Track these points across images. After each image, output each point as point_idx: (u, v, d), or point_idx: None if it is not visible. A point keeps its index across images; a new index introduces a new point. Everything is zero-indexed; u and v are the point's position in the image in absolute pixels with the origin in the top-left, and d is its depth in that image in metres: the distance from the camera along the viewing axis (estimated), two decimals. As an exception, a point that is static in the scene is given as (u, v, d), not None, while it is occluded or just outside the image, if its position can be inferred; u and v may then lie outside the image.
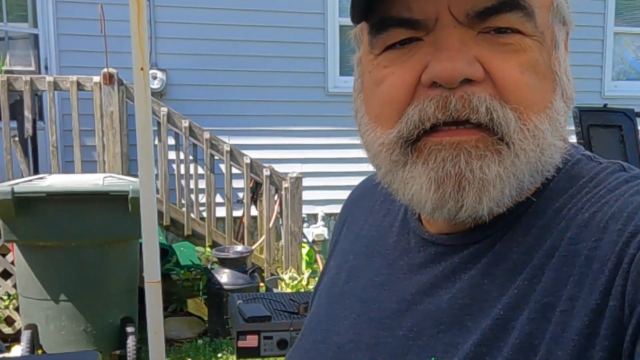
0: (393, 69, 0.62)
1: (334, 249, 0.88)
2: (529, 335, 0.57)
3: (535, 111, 0.60)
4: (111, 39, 5.06)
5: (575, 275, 0.57)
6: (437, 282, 0.67)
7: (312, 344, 0.77)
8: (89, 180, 3.84)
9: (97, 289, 3.74)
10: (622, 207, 0.58)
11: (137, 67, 2.44)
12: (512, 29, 0.60)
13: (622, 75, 7.07)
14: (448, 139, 0.60)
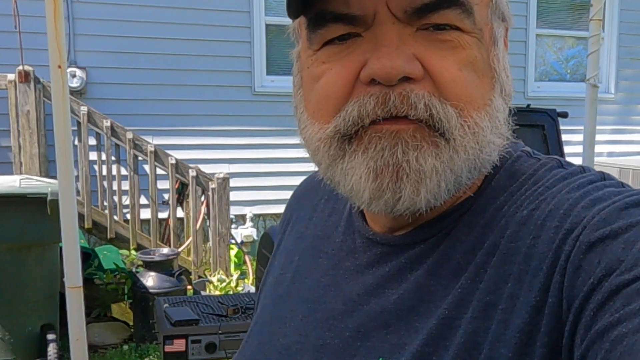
0: (331, 64, 0.61)
1: (278, 248, 0.86)
2: (473, 333, 0.57)
3: (475, 108, 0.60)
4: (27, 35, 4.88)
5: (515, 273, 0.58)
6: (384, 282, 0.67)
7: (257, 346, 0.77)
8: (4, 182, 3.69)
9: (14, 296, 3.60)
10: (558, 205, 0.59)
11: (54, 64, 2.37)
12: (450, 26, 0.59)
13: (544, 76, 7.37)
14: (388, 127, 0.59)
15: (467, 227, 0.64)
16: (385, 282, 0.67)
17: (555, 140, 3.29)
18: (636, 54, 7.50)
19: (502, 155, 0.66)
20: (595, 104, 3.82)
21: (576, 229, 0.55)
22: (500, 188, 0.65)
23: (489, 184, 0.66)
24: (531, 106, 3.43)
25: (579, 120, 4.12)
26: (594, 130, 3.84)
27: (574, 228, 0.56)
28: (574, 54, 7.54)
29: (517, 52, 6.99)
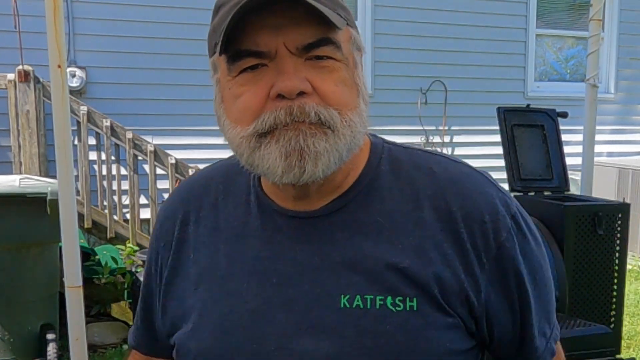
0: (248, 87, 0.85)
1: (184, 243, 1.00)
2: (418, 248, 0.89)
3: (349, 109, 0.86)
4: (26, 35, 4.88)
5: (428, 221, 0.91)
6: (322, 244, 0.91)
7: (219, 317, 0.92)
8: (4, 181, 3.69)
9: (14, 295, 3.60)
10: (442, 178, 0.95)
11: (53, 64, 2.36)
12: (327, 56, 0.85)
13: (544, 76, 7.37)
14: (292, 126, 0.83)
15: (382, 190, 0.93)
16: (321, 242, 0.91)
17: (555, 140, 3.28)
18: (636, 54, 7.50)
19: (379, 146, 0.98)
20: (595, 104, 3.82)
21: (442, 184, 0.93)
22: (390, 168, 0.95)
23: (379, 163, 0.95)
24: (531, 106, 3.42)
25: (578, 120, 4.12)
26: (593, 130, 3.84)
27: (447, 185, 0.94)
28: (573, 54, 7.54)
29: (517, 52, 6.99)
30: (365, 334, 0.86)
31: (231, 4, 0.84)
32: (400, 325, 0.86)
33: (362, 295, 0.87)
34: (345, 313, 0.87)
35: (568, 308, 2.82)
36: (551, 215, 2.95)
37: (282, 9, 0.82)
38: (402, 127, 6.44)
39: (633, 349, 4.36)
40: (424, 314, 0.86)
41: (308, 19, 0.82)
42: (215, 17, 0.88)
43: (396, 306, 0.86)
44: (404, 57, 6.44)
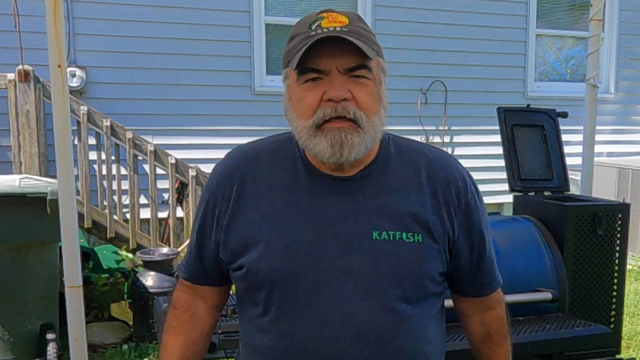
0: (309, 92, 1.27)
1: (243, 196, 1.34)
2: (421, 206, 1.33)
3: (373, 114, 1.28)
4: (27, 34, 4.88)
5: (422, 185, 1.35)
6: (357, 197, 1.32)
7: (285, 246, 1.29)
8: (4, 181, 3.69)
9: (14, 295, 3.60)
10: (430, 157, 1.40)
11: (53, 64, 2.37)
12: (363, 76, 1.27)
13: (544, 76, 7.37)
14: (336, 124, 1.25)
15: (393, 164, 1.36)
16: (356, 196, 1.32)
17: (555, 140, 3.28)
18: (636, 54, 7.50)
19: (386, 136, 1.38)
20: (595, 104, 3.82)
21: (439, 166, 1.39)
22: (395, 151, 1.38)
23: (389, 148, 1.38)
24: (531, 106, 3.42)
25: (578, 120, 4.12)
26: (593, 130, 3.84)
27: (433, 163, 1.39)
28: (573, 54, 7.53)
29: (517, 52, 6.99)
30: (390, 256, 1.28)
31: (303, 36, 1.26)
32: (411, 251, 1.29)
33: (386, 231, 1.29)
34: (376, 242, 1.28)
35: (568, 308, 2.82)
36: (551, 215, 2.95)
37: (336, 42, 1.23)
38: (402, 127, 6.42)
39: (633, 349, 4.36)
40: (426, 245, 1.31)
41: (352, 51, 1.24)
42: (290, 43, 1.30)
43: (409, 239, 1.29)
44: (404, 57, 6.43)
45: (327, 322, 1.27)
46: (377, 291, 1.28)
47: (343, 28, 1.25)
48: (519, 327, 2.59)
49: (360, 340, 1.27)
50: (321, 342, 1.27)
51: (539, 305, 2.72)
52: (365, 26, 1.31)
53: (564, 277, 2.80)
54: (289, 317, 1.29)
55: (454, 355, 2.38)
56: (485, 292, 1.48)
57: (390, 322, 1.28)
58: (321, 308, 1.27)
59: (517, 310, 2.70)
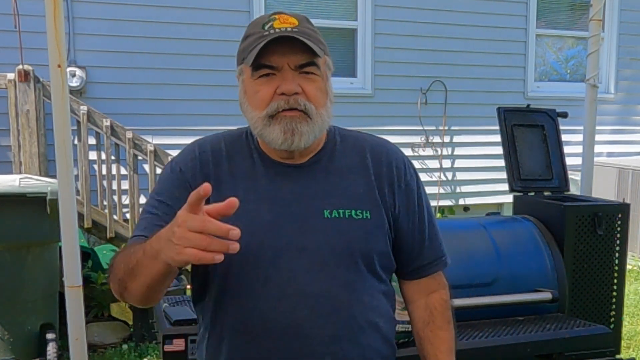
0: (263, 87, 1.38)
1: (207, 179, 1.37)
2: (369, 184, 1.47)
3: (321, 106, 1.40)
4: (26, 34, 4.88)
5: (365, 168, 1.49)
6: (307, 180, 1.44)
7: (245, 226, 1.24)
8: (4, 181, 3.69)
9: (13, 295, 3.60)
10: (372, 144, 1.56)
11: (53, 64, 2.37)
12: (312, 72, 1.39)
13: (544, 76, 7.36)
14: (288, 114, 1.37)
15: (339, 151, 1.50)
16: (307, 180, 1.44)
17: (555, 140, 3.28)
18: (636, 54, 7.50)
19: (331, 127, 1.51)
20: (595, 104, 3.82)
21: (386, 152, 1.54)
22: (341, 140, 1.52)
23: (335, 137, 1.52)
24: (531, 106, 3.42)
25: (578, 120, 4.12)
26: (593, 130, 3.84)
27: (377, 150, 1.54)
28: (573, 54, 7.53)
29: (517, 52, 6.99)
30: (340, 232, 1.41)
31: (257, 35, 1.37)
32: (360, 227, 1.42)
33: (337, 209, 1.42)
34: (327, 220, 1.41)
35: (568, 308, 2.82)
36: (551, 215, 2.95)
37: (287, 41, 1.35)
38: (402, 127, 6.44)
39: (633, 349, 4.36)
40: (374, 220, 1.44)
41: (302, 49, 1.36)
42: (244, 42, 1.42)
43: (357, 215, 1.43)
44: (404, 57, 6.44)
45: (285, 295, 1.37)
46: (329, 265, 1.39)
47: (294, 29, 1.37)
48: (519, 327, 2.59)
49: (315, 310, 1.37)
50: (280, 314, 1.36)
51: (539, 305, 2.72)
52: (313, 27, 1.43)
53: (563, 277, 2.80)
54: (250, 291, 1.38)
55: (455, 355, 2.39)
56: (428, 271, 1.56)
57: (342, 293, 1.39)
58: (279, 282, 1.37)
59: (517, 310, 2.70)
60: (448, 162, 6.76)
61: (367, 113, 6.33)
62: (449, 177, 6.78)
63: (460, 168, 6.81)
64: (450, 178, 6.79)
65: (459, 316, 2.62)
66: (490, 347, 2.44)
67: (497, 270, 2.71)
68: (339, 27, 6.38)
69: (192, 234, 1.05)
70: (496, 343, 2.45)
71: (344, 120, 6.46)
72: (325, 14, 6.34)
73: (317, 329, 1.38)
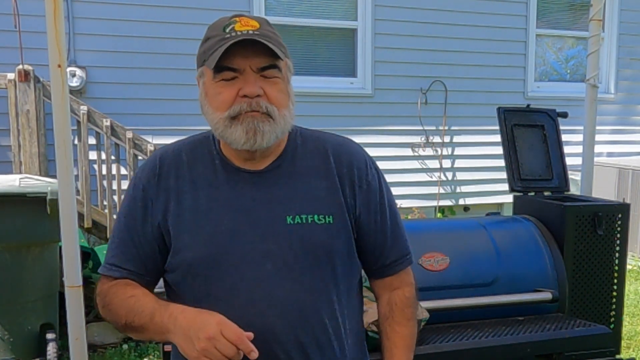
0: (225, 89, 1.39)
1: (168, 193, 1.45)
2: (328, 190, 1.46)
3: (283, 107, 1.41)
4: (27, 34, 4.88)
5: (327, 170, 1.48)
6: (268, 187, 1.44)
7: (207, 235, 1.41)
8: (4, 181, 3.68)
9: (13, 295, 3.59)
10: (334, 144, 1.54)
11: (53, 64, 2.37)
12: (274, 76, 1.40)
13: (544, 76, 7.36)
14: (250, 114, 1.38)
15: (300, 154, 1.49)
16: (269, 186, 1.45)
17: (555, 140, 3.28)
18: (636, 54, 7.50)
19: (294, 128, 1.50)
20: (595, 104, 3.82)
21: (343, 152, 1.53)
22: (302, 142, 1.52)
23: (296, 142, 1.51)
24: (531, 106, 3.42)
25: (578, 120, 4.12)
26: (593, 130, 3.83)
27: (339, 150, 1.53)
28: (573, 54, 7.53)
29: (517, 52, 6.98)
30: (303, 238, 1.41)
31: (218, 38, 1.40)
32: (322, 231, 1.43)
33: (299, 215, 1.42)
34: (290, 226, 1.41)
35: (568, 308, 2.82)
36: (551, 215, 2.95)
37: (249, 44, 1.36)
38: (402, 127, 6.44)
39: (633, 349, 4.36)
40: (336, 224, 1.44)
41: (264, 52, 1.37)
42: (205, 44, 1.45)
43: (320, 220, 1.43)
44: (404, 57, 6.44)
45: (252, 301, 1.38)
46: (294, 270, 1.40)
47: (255, 32, 1.38)
48: (519, 327, 2.59)
49: (283, 315, 1.39)
50: (248, 320, 1.35)
51: (539, 305, 2.72)
52: (273, 30, 1.44)
53: (564, 277, 2.80)
54: (217, 299, 1.39)
55: (454, 355, 2.39)
56: (392, 270, 1.55)
57: (309, 298, 1.41)
58: (245, 288, 1.39)
59: (517, 310, 2.70)
60: (448, 162, 6.75)
61: (367, 113, 6.33)
62: (449, 177, 6.78)
63: (460, 168, 6.81)
64: (450, 178, 6.79)
65: (459, 316, 2.63)
66: (490, 347, 2.45)
67: (497, 270, 2.71)
68: (339, 27, 6.38)
69: (217, 353, 1.22)
70: (496, 343, 2.46)
71: (344, 120, 6.50)
72: (325, 14, 6.34)
73: (287, 335, 1.39)
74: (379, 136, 6.24)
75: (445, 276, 2.65)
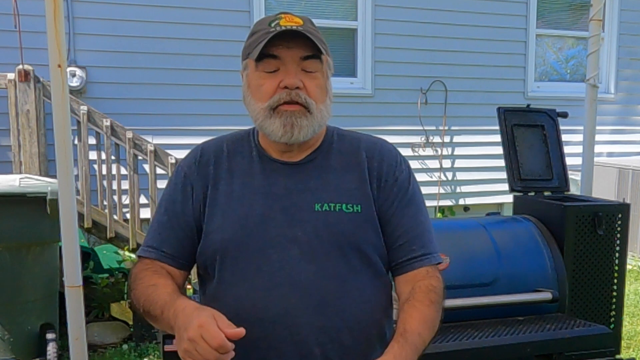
0: (267, 80, 1.45)
1: (207, 180, 1.54)
2: (363, 180, 1.52)
3: (321, 102, 1.47)
4: (27, 34, 4.88)
5: (360, 165, 1.54)
6: (302, 177, 1.51)
7: (238, 218, 1.48)
8: (4, 181, 3.68)
9: (13, 295, 3.60)
10: (368, 142, 1.60)
11: (54, 64, 2.37)
12: (314, 70, 1.46)
13: (544, 76, 7.36)
14: (289, 107, 1.44)
15: (335, 150, 1.56)
16: (302, 177, 1.51)
17: (555, 140, 3.28)
18: (636, 54, 7.50)
19: (331, 127, 1.59)
20: (595, 104, 3.82)
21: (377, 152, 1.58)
22: (338, 139, 1.58)
23: (332, 136, 1.58)
24: (531, 106, 3.42)
25: (578, 120, 4.12)
26: (593, 130, 3.83)
27: (373, 151, 1.58)
28: (573, 54, 7.53)
29: (517, 52, 6.98)
30: (330, 224, 1.46)
31: (262, 32, 1.45)
32: (350, 220, 1.47)
33: (327, 203, 1.47)
34: (318, 213, 1.46)
35: (568, 308, 2.82)
36: (551, 215, 2.95)
37: (292, 38, 1.43)
38: (402, 127, 6.44)
39: (633, 349, 4.36)
40: (364, 214, 1.48)
41: (306, 46, 1.44)
42: (249, 38, 1.50)
43: (348, 209, 1.48)
44: (404, 57, 6.44)
45: (275, 284, 1.42)
46: (319, 256, 1.44)
47: (299, 27, 1.44)
48: (519, 327, 2.59)
49: (305, 300, 1.42)
50: (270, 302, 1.41)
51: (539, 305, 2.72)
52: (316, 28, 1.50)
53: (564, 277, 2.80)
54: (241, 280, 1.45)
55: (454, 355, 2.39)
56: (415, 266, 1.52)
57: (331, 284, 1.43)
58: (269, 271, 1.43)
59: (517, 310, 2.70)
60: (448, 162, 6.75)
61: (367, 113, 6.33)
62: (449, 177, 6.78)
63: (460, 168, 6.81)
64: (450, 178, 6.79)
65: (459, 316, 2.63)
66: (490, 347, 2.44)
67: (497, 270, 2.71)
68: (339, 27, 6.38)
69: (197, 355, 1.22)
70: (496, 343, 2.46)
71: (344, 120, 6.49)
72: (325, 14, 6.34)
73: (306, 319, 1.41)
74: (379, 136, 6.22)
75: (445, 276, 2.61)
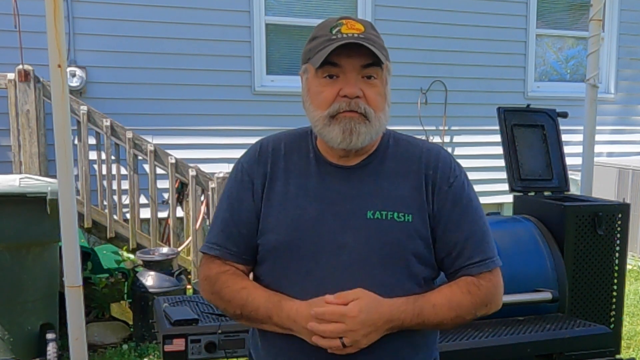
0: (327, 88, 1.47)
1: (265, 177, 1.55)
2: (416, 189, 1.51)
3: (380, 110, 1.48)
4: (27, 34, 4.88)
5: (415, 172, 1.53)
6: (356, 182, 1.51)
7: (292, 221, 1.49)
8: (4, 181, 3.68)
9: (14, 295, 3.60)
10: (423, 148, 1.58)
11: (53, 64, 2.37)
12: (373, 77, 1.47)
13: (544, 76, 7.36)
14: (348, 114, 1.45)
15: (391, 155, 1.55)
16: (356, 182, 1.51)
17: (555, 140, 3.28)
18: (636, 54, 7.50)
19: (387, 131, 1.58)
20: (595, 104, 3.82)
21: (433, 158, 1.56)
22: (394, 145, 1.58)
23: (388, 144, 1.57)
24: (531, 106, 3.42)
25: (578, 120, 4.12)
26: (593, 130, 3.83)
27: (430, 157, 1.56)
28: (573, 54, 7.53)
29: (517, 52, 6.98)
30: (381, 233, 1.46)
31: (325, 38, 1.46)
32: (400, 229, 1.47)
33: (380, 211, 1.47)
34: (369, 221, 1.46)
35: (568, 308, 2.82)
36: (551, 215, 2.95)
37: (354, 47, 1.43)
38: (402, 127, 6.35)
39: (633, 349, 4.36)
40: (415, 224, 1.48)
41: (367, 55, 1.44)
42: (311, 42, 1.50)
43: (399, 218, 1.47)
44: (404, 57, 6.43)
45: (324, 288, 1.43)
46: (367, 264, 1.45)
47: (360, 35, 1.45)
48: (519, 327, 2.59)
49: None
50: None
51: (539, 305, 2.72)
52: (377, 33, 1.50)
53: (564, 277, 2.80)
54: (292, 283, 1.47)
55: (454, 355, 2.39)
56: (469, 272, 1.50)
57: (377, 292, 1.43)
58: (319, 276, 1.45)
59: (517, 310, 2.70)
60: (448, 162, 6.75)
61: (367, 113, 6.33)
62: (449, 177, 6.77)
63: (460, 168, 6.80)
64: (450, 178, 6.78)
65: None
66: (490, 347, 2.44)
67: (497, 270, 2.71)
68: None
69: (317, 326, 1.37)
70: (496, 343, 2.45)
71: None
72: (325, 14, 6.34)
73: None
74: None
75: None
